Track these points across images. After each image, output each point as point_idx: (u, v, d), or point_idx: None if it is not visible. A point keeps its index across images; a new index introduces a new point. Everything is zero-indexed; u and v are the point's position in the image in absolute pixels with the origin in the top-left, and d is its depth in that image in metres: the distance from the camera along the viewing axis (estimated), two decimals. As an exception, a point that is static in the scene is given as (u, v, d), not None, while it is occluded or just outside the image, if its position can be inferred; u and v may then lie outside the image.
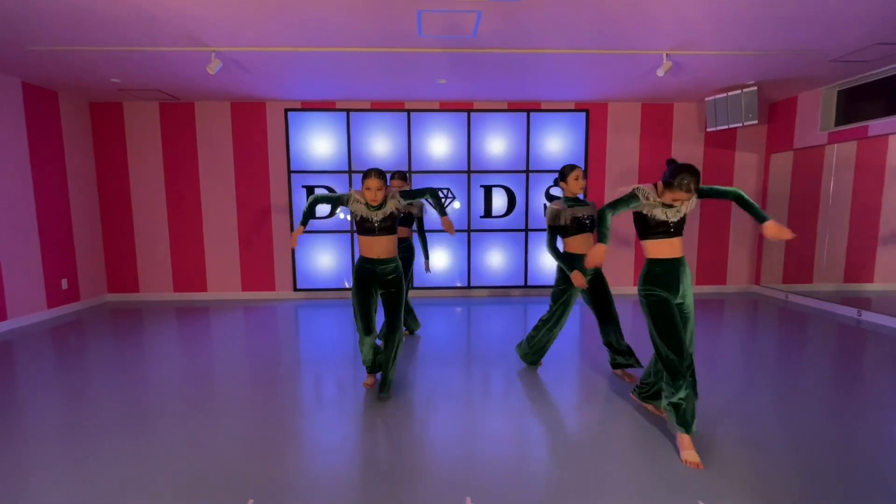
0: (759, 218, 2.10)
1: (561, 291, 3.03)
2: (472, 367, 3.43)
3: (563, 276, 3.02)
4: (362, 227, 2.73)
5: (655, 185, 2.21)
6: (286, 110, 5.57)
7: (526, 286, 5.93)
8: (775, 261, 5.96)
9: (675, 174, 2.05)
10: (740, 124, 5.01)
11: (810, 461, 2.11)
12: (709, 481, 1.95)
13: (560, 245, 3.06)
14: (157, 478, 2.01)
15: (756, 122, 4.90)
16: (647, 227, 2.23)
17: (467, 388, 3.03)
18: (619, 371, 3.15)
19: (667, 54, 3.91)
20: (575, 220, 2.94)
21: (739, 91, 4.94)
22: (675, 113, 5.81)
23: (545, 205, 5.86)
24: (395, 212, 2.75)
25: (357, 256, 2.91)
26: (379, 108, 5.61)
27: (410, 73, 4.43)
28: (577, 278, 2.85)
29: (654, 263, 2.23)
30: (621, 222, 5.84)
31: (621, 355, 3.09)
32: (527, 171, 5.79)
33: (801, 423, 2.49)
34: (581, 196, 3.09)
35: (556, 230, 2.99)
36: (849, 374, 3.23)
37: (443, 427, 2.49)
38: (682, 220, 2.22)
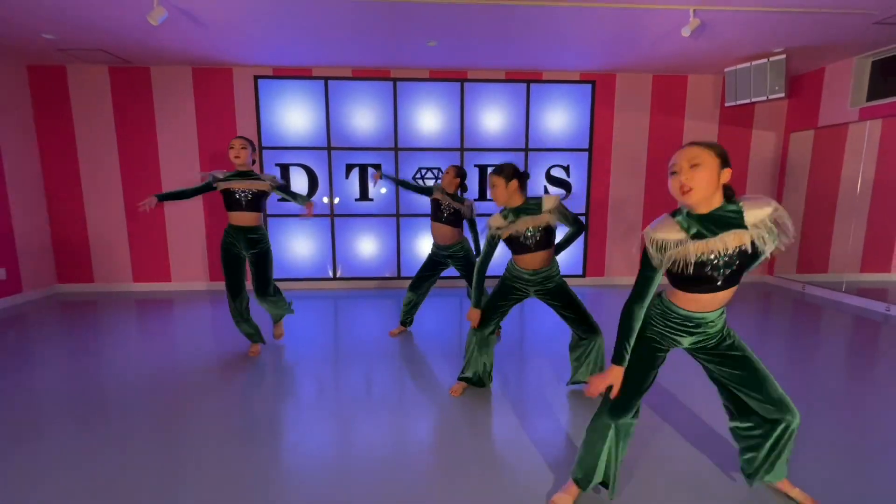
0: None
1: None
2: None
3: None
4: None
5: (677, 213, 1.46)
6: (256, 77, 4.92)
7: (523, 276, 5.44)
8: (790, 249, 5.54)
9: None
10: (764, 98, 4.50)
11: (829, 461, 1.67)
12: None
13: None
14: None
15: (783, 94, 4.40)
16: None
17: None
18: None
19: (694, 10, 3.35)
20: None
21: (765, 60, 4.41)
22: (690, 86, 5.27)
23: (545, 187, 5.34)
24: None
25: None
26: (361, 76, 4.98)
27: (396, 31, 3.82)
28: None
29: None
30: (627, 211, 5.36)
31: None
32: (526, 150, 5.24)
33: (827, 426, 2.05)
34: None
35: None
36: (878, 372, 2.81)
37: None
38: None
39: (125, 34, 3.86)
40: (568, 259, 5.46)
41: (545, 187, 5.33)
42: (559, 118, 5.21)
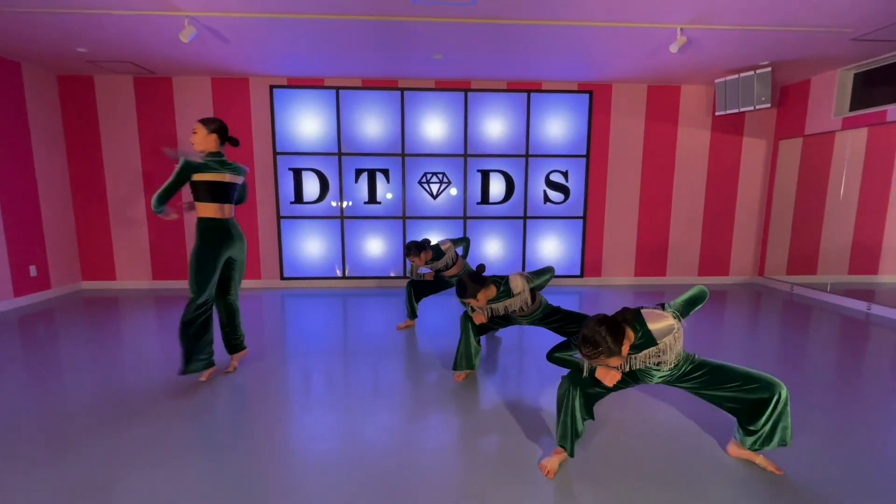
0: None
1: None
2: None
3: None
4: None
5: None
6: (271, 87, 5.22)
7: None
8: (780, 252, 5.78)
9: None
10: (752, 108, 4.76)
11: (814, 456, 1.91)
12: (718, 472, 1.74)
13: None
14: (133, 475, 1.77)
15: (769, 105, 4.66)
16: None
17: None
18: None
19: (681, 28, 3.62)
20: None
21: (752, 72, 4.67)
22: (683, 96, 5.54)
23: (545, 192, 5.60)
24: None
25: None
26: (370, 86, 5.27)
27: (404, 46, 4.11)
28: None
29: None
30: (623, 215, 5.62)
31: None
32: (526, 156, 5.51)
33: (835, 432, 2.29)
34: None
35: None
36: (859, 370, 3.04)
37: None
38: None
39: (154, 48, 4.16)
40: (566, 260, 5.72)
41: (544, 192, 5.59)
42: (558, 126, 5.48)
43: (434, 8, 3.30)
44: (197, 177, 2.57)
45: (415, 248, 3.51)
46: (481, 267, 2.64)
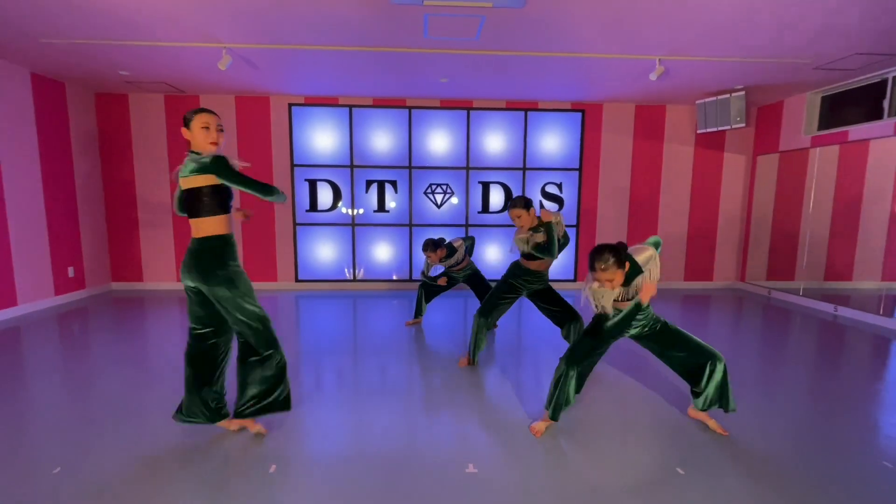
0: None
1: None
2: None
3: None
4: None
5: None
6: (290, 105, 5.69)
7: (521, 280, 6.15)
8: (760, 259, 6.21)
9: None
10: (728, 127, 5.22)
11: (785, 444, 2.33)
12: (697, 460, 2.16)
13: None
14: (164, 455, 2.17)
15: (744, 125, 5.12)
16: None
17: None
18: None
19: (659, 59, 4.10)
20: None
21: (728, 95, 5.15)
22: (668, 114, 6.02)
23: (541, 202, 6.05)
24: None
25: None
26: (381, 104, 5.75)
27: (414, 71, 4.58)
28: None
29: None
30: (613, 224, 6.07)
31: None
32: (523, 169, 5.97)
33: (778, 409, 2.71)
34: None
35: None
36: (823, 365, 3.46)
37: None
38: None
39: (189, 72, 4.64)
40: (561, 266, 6.15)
41: (540, 202, 6.04)
42: (553, 142, 5.96)
43: (442, 42, 3.77)
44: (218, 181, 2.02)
45: (431, 245, 3.92)
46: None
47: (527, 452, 2.17)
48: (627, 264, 2.07)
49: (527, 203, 2.99)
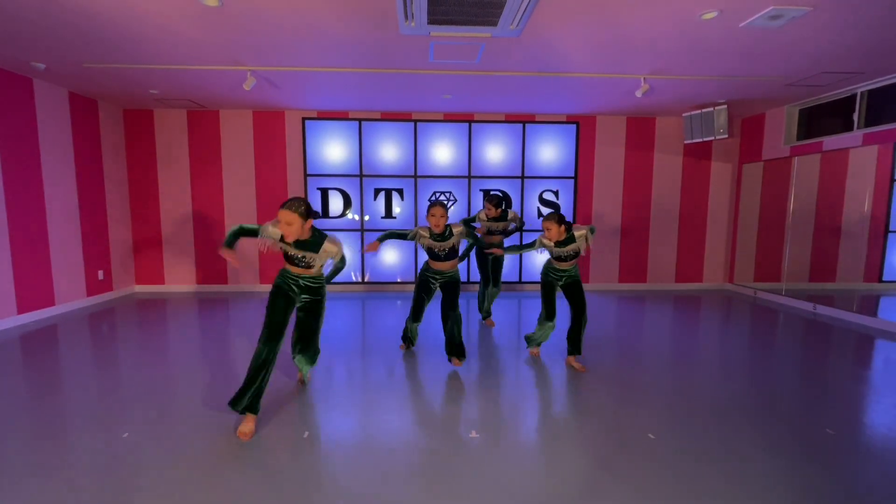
0: None
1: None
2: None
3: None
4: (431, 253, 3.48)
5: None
6: (303, 119, 6.11)
7: (520, 282, 6.51)
8: (747, 261, 6.55)
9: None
10: (713, 138, 5.60)
11: (762, 429, 2.67)
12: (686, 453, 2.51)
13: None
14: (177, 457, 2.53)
15: (727, 136, 5.50)
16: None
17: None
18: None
19: (644, 78, 4.49)
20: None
21: (712, 108, 5.53)
22: (658, 126, 6.40)
23: (538, 208, 6.43)
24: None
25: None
26: (388, 118, 6.16)
27: (420, 89, 4.99)
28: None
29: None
30: (607, 228, 6.43)
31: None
32: (522, 177, 6.35)
33: (761, 398, 3.06)
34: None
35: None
36: (803, 360, 3.80)
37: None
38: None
39: (214, 91, 5.05)
40: (558, 268, 6.51)
41: (538, 209, 6.42)
42: (549, 152, 6.35)
43: (446, 64, 4.17)
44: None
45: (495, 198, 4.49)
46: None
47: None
48: (563, 228, 3.22)
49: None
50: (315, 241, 2.48)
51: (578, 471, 2.07)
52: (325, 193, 6.24)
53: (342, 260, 2.63)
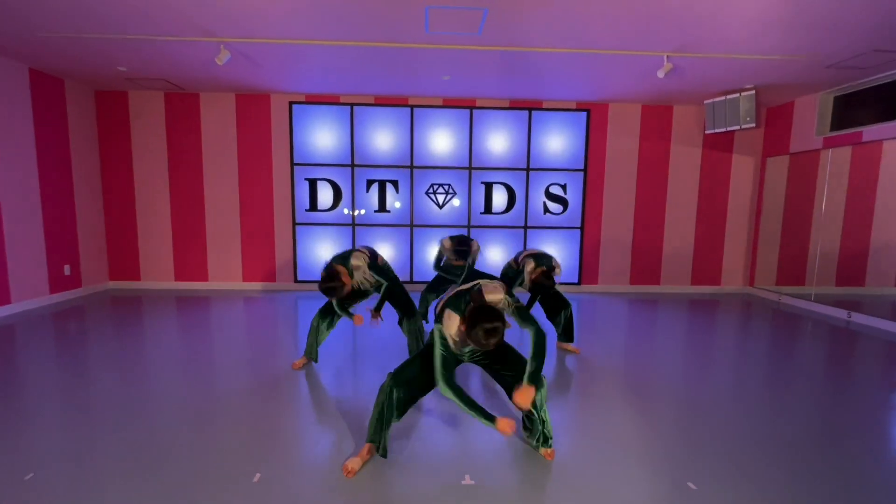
0: (528, 376, 1.93)
1: None
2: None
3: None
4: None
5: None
6: (291, 103, 5.62)
7: (524, 282, 6.03)
8: (770, 263, 6.06)
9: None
10: (738, 127, 5.10)
11: (794, 454, 2.20)
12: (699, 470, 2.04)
13: None
14: (158, 460, 2.07)
15: (754, 125, 4.99)
16: None
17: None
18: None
19: (667, 56, 3.99)
20: None
21: (738, 94, 5.02)
22: (675, 115, 5.90)
23: (545, 203, 5.94)
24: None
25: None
26: (382, 102, 5.67)
27: (415, 68, 4.49)
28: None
29: None
30: (619, 226, 5.94)
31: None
32: (527, 169, 5.86)
33: (789, 418, 2.58)
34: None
35: None
36: (837, 373, 3.32)
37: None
38: None
39: (188, 68, 4.57)
40: (565, 268, 6.03)
41: (544, 203, 5.92)
42: (557, 142, 5.85)
43: (444, 37, 3.68)
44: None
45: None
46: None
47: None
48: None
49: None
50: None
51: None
52: (313, 184, 5.76)
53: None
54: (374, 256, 3.11)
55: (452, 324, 1.85)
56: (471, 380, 3.01)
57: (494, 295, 1.90)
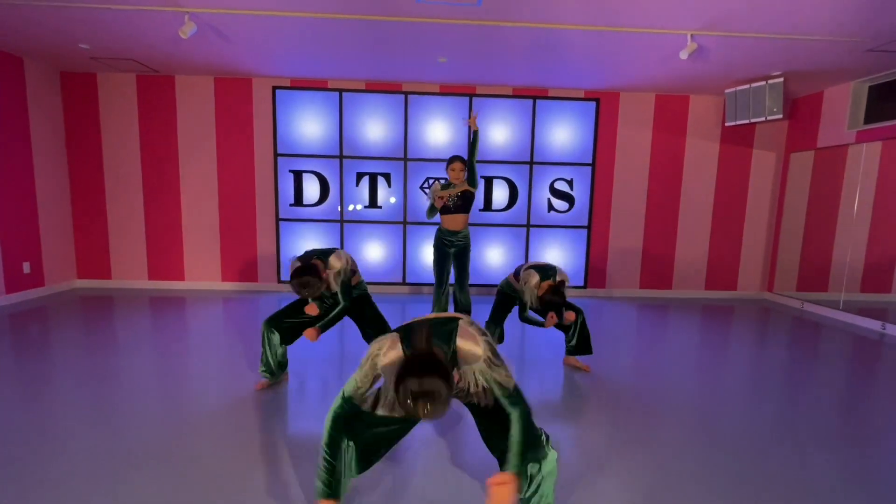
0: (510, 464, 1.33)
1: None
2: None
3: None
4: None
5: None
6: (274, 88, 5.17)
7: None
8: (790, 267, 5.62)
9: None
10: (763, 119, 4.65)
11: (815, 477, 1.77)
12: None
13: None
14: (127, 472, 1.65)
15: (780, 116, 4.54)
16: None
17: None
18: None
19: (692, 35, 3.53)
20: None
21: (764, 82, 4.57)
22: (692, 106, 5.44)
23: (549, 199, 5.49)
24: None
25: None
26: (374, 88, 5.21)
27: (408, 48, 4.04)
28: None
29: None
30: (628, 226, 5.51)
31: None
32: (531, 163, 5.41)
33: (813, 444, 2.15)
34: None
35: None
36: (872, 394, 2.89)
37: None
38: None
39: (155, 45, 4.12)
40: (570, 270, 5.59)
41: (549, 200, 5.48)
42: (563, 134, 5.39)
43: (438, 8, 3.22)
44: None
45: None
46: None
47: None
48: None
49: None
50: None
51: None
52: (298, 177, 5.31)
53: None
54: (353, 271, 2.69)
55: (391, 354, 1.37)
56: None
57: (470, 344, 1.34)
